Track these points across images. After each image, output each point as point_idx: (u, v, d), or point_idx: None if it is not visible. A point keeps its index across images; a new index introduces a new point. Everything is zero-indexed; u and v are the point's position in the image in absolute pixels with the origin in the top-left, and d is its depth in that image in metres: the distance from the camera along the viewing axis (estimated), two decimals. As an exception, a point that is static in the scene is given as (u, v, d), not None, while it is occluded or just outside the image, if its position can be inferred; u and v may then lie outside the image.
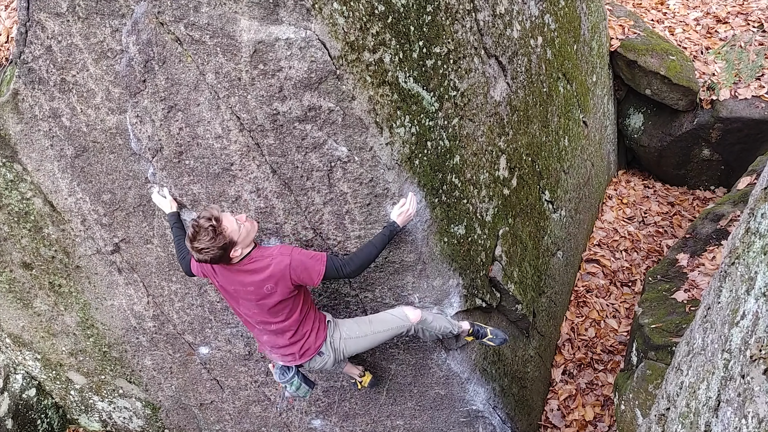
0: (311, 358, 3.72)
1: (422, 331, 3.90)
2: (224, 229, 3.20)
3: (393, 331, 3.81)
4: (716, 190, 7.51)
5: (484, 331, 4.24)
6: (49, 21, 3.45)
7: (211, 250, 3.18)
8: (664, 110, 7.26)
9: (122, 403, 5.57)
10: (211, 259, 3.24)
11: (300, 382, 3.88)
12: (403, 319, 3.80)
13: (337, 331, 3.76)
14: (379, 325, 3.81)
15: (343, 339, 3.75)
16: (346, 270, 3.43)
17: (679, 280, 4.87)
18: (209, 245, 3.17)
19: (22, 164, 4.07)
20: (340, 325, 3.81)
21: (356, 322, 3.85)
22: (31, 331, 5.09)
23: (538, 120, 5.08)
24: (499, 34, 4.33)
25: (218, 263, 3.34)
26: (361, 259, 3.46)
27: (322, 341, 3.69)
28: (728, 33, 7.50)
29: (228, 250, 3.25)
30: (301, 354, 3.69)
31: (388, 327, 3.80)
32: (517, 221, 4.82)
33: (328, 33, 3.10)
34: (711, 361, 2.59)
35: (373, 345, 3.87)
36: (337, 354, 3.77)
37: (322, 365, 3.78)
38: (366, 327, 3.81)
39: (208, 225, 3.16)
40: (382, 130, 3.40)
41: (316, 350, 3.70)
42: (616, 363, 5.84)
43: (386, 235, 3.51)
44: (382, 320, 3.83)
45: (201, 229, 3.17)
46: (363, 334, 3.79)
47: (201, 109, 3.44)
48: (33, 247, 4.48)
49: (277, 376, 3.89)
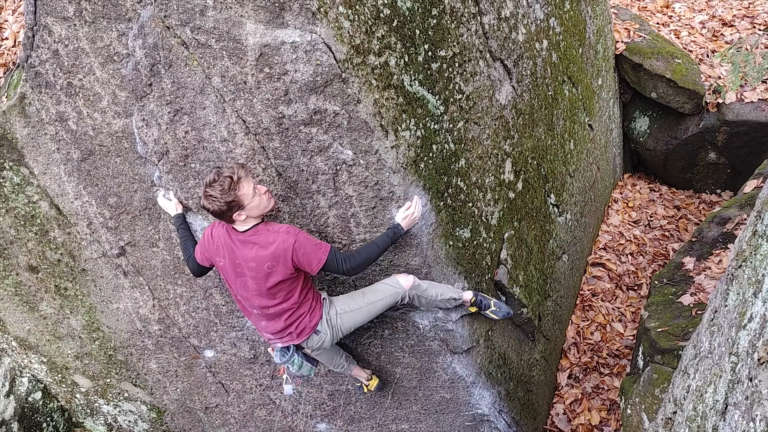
0: (308, 337, 3.74)
1: (417, 298, 3.85)
2: (239, 188, 3.22)
3: (387, 300, 3.79)
4: (722, 193, 7.48)
5: (487, 302, 4.21)
6: (56, 25, 3.46)
7: (216, 201, 3.22)
8: (670, 113, 7.25)
9: (127, 407, 5.57)
10: (212, 210, 3.26)
11: (301, 360, 3.87)
12: (395, 287, 3.78)
13: (333, 308, 3.77)
14: (372, 295, 3.80)
15: (339, 314, 3.76)
16: (347, 265, 3.44)
17: (686, 283, 4.85)
18: (218, 195, 3.20)
19: (28, 168, 4.09)
20: (335, 301, 3.81)
21: (350, 296, 3.85)
22: (37, 334, 5.11)
23: (544, 123, 5.07)
24: (504, 38, 4.33)
25: (219, 218, 3.36)
26: (362, 257, 3.47)
27: (317, 320, 3.70)
28: (734, 36, 7.49)
29: (233, 210, 3.27)
30: (298, 333, 3.70)
31: (381, 296, 3.79)
32: (523, 225, 4.82)
33: (333, 36, 3.10)
34: (718, 364, 2.58)
35: (370, 317, 3.86)
36: (335, 331, 3.77)
37: (320, 343, 3.77)
38: (359, 299, 3.80)
39: (226, 178, 3.20)
40: (387, 134, 3.40)
41: (312, 329, 3.71)
42: (622, 367, 5.81)
43: (390, 237, 3.51)
44: (375, 290, 3.82)
45: (219, 177, 3.21)
46: (357, 307, 3.78)
47: (207, 112, 3.45)
48: (39, 250, 4.49)
49: (278, 357, 3.88)
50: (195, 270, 3.82)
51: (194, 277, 4.13)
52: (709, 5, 8.10)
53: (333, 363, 4.25)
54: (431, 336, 4.29)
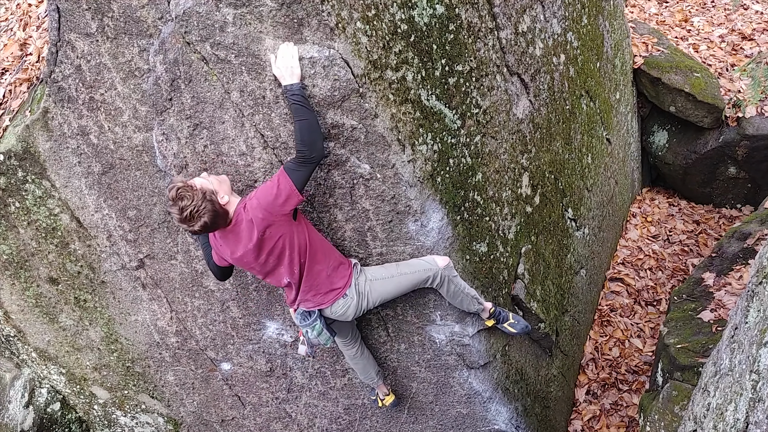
0: (335, 302, 3.66)
1: (448, 283, 3.76)
2: (194, 184, 3.19)
3: (419, 275, 3.70)
4: (743, 208, 7.40)
5: (505, 315, 4.16)
6: (79, 41, 3.53)
7: (201, 210, 3.16)
8: (689, 128, 7.19)
9: (144, 419, 5.60)
10: (209, 219, 3.20)
11: (322, 327, 3.76)
12: (430, 263, 3.70)
13: (363, 275, 3.69)
14: (405, 267, 3.73)
15: (368, 281, 3.67)
16: (305, 158, 3.17)
17: (705, 299, 4.80)
18: (195, 205, 3.14)
19: (50, 181, 4.15)
20: (366, 270, 3.74)
21: (383, 266, 3.78)
22: (56, 345, 5.16)
23: (561, 137, 5.06)
24: (521, 52, 4.34)
25: (218, 225, 3.30)
26: (305, 138, 3.14)
27: (345, 283, 3.62)
28: (754, 50, 7.44)
29: (215, 203, 3.21)
30: (326, 293, 3.63)
31: (414, 269, 3.71)
32: (540, 239, 4.80)
33: (351, 52, 3.13)
34: (739, 382, 2.54)
35: (399, 290, 3.77)
36: (362, 298, 3.67)
37: (344, 309, 3.68)
38: (392, 269, 3.73)
39: (180, 188, 3.15)
40: (404, 148, 3.42)
41: (340, 293, 3.63)
42: (641, 383, 5.75)
43: (296, 102, 3.15)
44: (409, 264, 3.75)
45: (177, 198, 3.15)
46: (389, 275, 3.71)
47: (226, 126, 3.49)
48: (59, 262, 4.55)
49: (298, 320, 3.78)
50: (217, 272, 3.76)
51: (220, 281, 4.09)
52: (728, 19, 8.05)
53: (352, 351, 4.18)
54: (447, 350, 4.27)
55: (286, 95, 3.17)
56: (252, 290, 4.26)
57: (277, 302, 4.27)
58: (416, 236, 3.73)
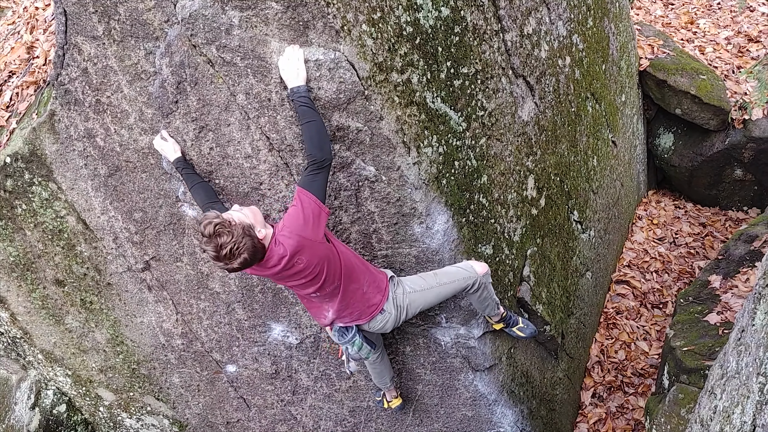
0: (373, 318, 3.57)
1: (483, 289, 3.72)
2: (232, 219, 2.98)
3: (459, 284, 3.64)
4: (749, 210, 7.37)
5: (515, 319, 4.15)
6: (85, 44, 3.54)
7: (241, 247, 2.95)
8: (695, 130, 7.18)
9: (150, 421, 5.61)
10: (249, 256, 3.00)
11: (361, 341, 3.66)
12: (468, 271, 3.66)
13: (400, 287, 3.59)
14: (444, 277, 3.65)
15: (407, 293, 3.58)
16: (317, 164, 3.10)
17: (712, 302, 4.78)
18: (236, 241, 2.93)
19: (57, 183, 4.16)
20: (404, 281, 3.64)
21: (421, 276, 3.69)
22: (62, 347, 5.17)
23: (567, 140, 5.06)
24: (527, 55, 4.34)
25: (256, 261, 3.09)
26: (314, 142, 3.10)
27: (381, 298, 3.52)
28: (760, 52, 7.42)
29: (255, 238, 3.01)
30: (362, 311, 3.53)
31: (453, 279, 3.64)
32: (546, 241, 4.79)
33: (356, 54, 3.14)
34: (746, 384, 2.53)
35: (438, 300, 3.71)
36: (400, 311, 3.58)
37: (382, 324, 3.60)
38: (431, 279, 3.65)
39: (219, 224, 2.93)
40: (409, 150, 3.42)
41: (378, 308, 3.53)
42: (647, 386, 5.73)
43: (303, 104, 3.13)
44: (447, 272, 3.68)
45: (215, 234, 2.92)
46: (429, 287, 3.62)
47: (231, 129, 3.50)
48: (66, 264, 4.56)
49: (336, 337, 3.68)
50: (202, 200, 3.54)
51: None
52: (734, 21, 8.03)
53: (377, 363, 4.15)
54: (453, 353, 4.27)
55: (292, 98, 3.15)
56: (257, 292, 4.27)
57: (282, 304, 4.28)
58: (421, 238, 3.73)
